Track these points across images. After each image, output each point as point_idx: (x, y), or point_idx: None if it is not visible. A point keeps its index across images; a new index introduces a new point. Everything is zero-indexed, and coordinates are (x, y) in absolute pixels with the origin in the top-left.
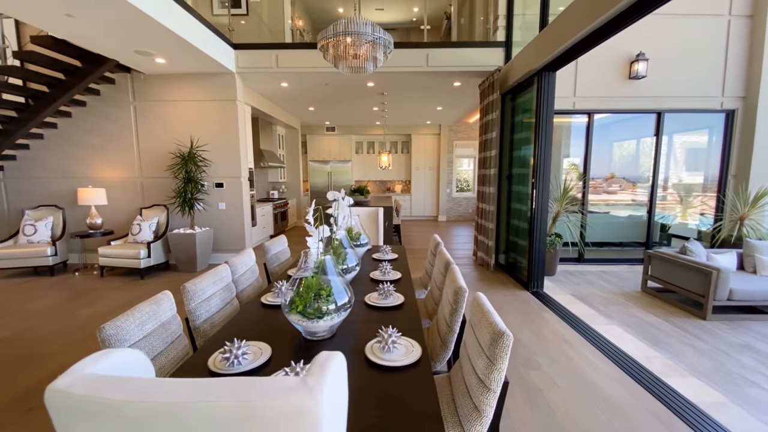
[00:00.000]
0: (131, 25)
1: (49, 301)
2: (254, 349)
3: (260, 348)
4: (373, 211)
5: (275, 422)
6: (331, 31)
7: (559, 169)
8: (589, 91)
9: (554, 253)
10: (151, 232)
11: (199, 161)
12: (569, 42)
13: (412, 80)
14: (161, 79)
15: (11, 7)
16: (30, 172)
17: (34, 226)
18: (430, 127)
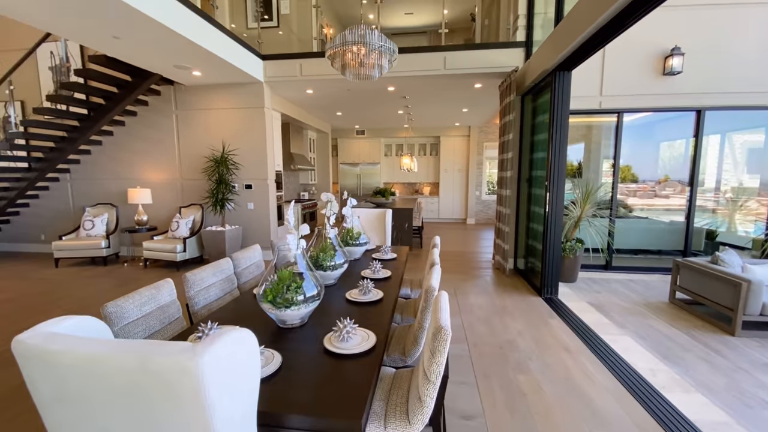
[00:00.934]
0: (169, 44)
1: (99, 287)
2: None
3: None
4: (381, 213)
5: (166, 376)
6: (339, 41)
7: (598, 172)
8: (618, 90)
9: (574, 260)
10: (187, 229)
11: (230, 164)
12: (579, 39)
13: (431, 83)
14: (199, 89)
15: (69, 32)
16: (91, 174)
17: (93, 221)
18: (459, 129)
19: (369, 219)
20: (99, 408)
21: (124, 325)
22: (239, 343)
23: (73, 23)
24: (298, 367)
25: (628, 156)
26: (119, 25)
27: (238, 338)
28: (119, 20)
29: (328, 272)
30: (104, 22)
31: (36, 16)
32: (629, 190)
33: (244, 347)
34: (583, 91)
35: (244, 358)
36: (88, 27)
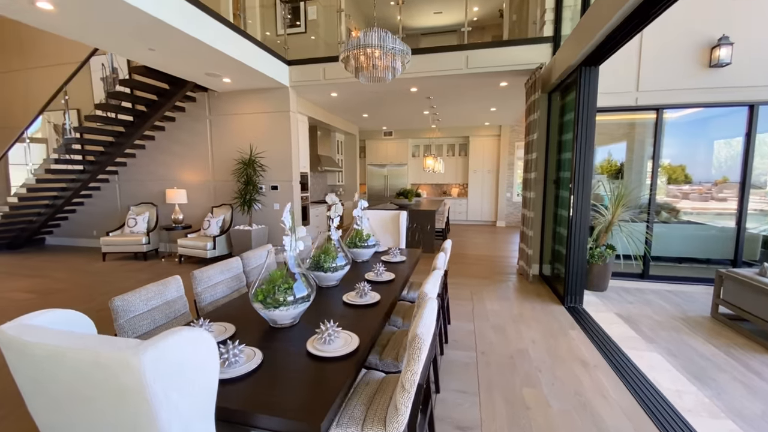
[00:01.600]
0: (199, 53)
1: (137, 280)
2: (219, 328)
3: (225, 327)
4: (395, 214)
5: (114, 370)
6: (351, 44)
7: (642, 173)
8: (657, 84)
9: (604, 267)
10: (218, 228)
11: (257, 166)
12: (602, 31)
13: (454, 83)
14: (229, 95)
15: (110, 46)
16: (135, 175)
17: (135, 219)
18: (489, 128)
19: (384, 221)
20: (65, 397)
21: (130, 318)
22: (190, 343)
23: (113, 38)
24: (276, 366)
25: (678, 155)
26: (153, 38)
27: (188, 338)
28: (153, 34)
29: (328, 274)
30: (140, 36)
31: (83, 34)
32: (682, 192)
33: (196, 347)
34: (616, 87)
35: (195, 357)
36: (126, 41)
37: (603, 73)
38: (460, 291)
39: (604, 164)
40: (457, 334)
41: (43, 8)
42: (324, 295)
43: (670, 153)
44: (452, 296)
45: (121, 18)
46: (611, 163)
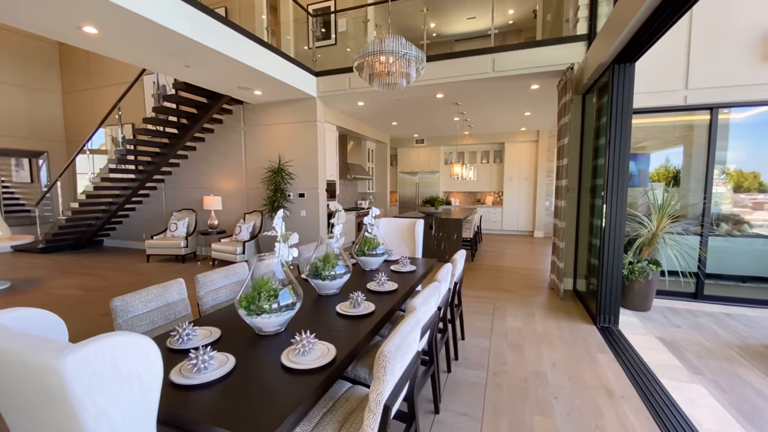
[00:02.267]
0: (231, 69)
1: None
2: (204, 332)
3: (210, 332)
4: (411, 223)
5: (39, 371)
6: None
7: (711, 177)
8: (710, 81)
9: (646, 284)
10: (248, 233)
11: (285, 174)
12: (632, 23)
13: (482, 87)
14: (261, 107)
15: (148, 62)
16: (179, 183)
17: (176, 224)
18: (526, 134)
19: (400, 230)
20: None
21: (128, 318)
22: (121, 348)
23: (152, 57)
24: (245, 376)
25: (749, 161)
26: (188, 56)
27: (119, 343)
28: (188, 52)
29: (327, 282)
30: (176, 55)
31: (124, 54)
32: (755, 203)
33: (128, 352)
34: (661, 85)
35: (128, 362)
36: (164, 59)
37: (644, 71)
38: (482, 305)
39: (661, 170)
40: (469, 351)
41: (89, 32)
42: (321, 303)
43: (738, 157)
44: (473, 310)
45: (158, 39)
46: (668, 169)
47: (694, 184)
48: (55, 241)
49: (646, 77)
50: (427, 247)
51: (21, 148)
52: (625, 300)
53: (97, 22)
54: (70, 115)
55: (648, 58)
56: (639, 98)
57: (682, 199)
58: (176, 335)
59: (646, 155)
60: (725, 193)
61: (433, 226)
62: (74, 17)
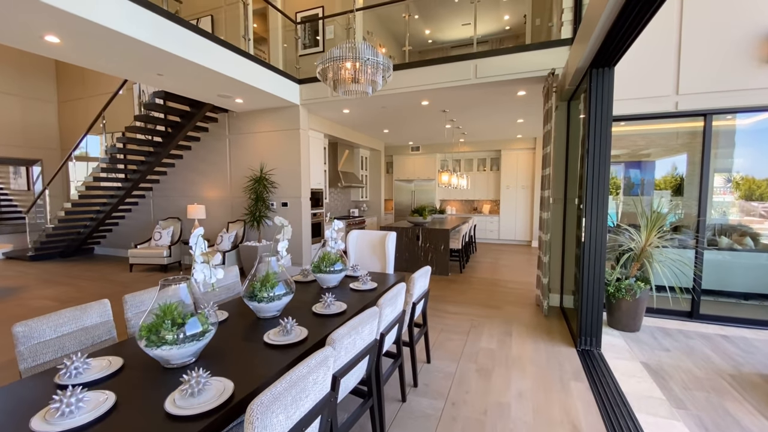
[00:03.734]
0: (206, 77)
1: None
2: (101, 363)
3: (110, 362)
4: (382, 236)
5: None
6: (327, 56)
7: (706, 187)
8: (702, 86)
9: (634, 303)
10: (229, 243)
11: (267, 183)
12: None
13: (467, 94)
14: (246, 114)
15: (119, 71)
16: (166, 191)
17: (161, 233)
18: (522, 141)
19: (372, 243)
20: None
21: (33, 344)
22: None
23: (121, 65)
24: (116, 425)
25: (760, 168)
26: (159, 65)
27: None
28: (158, 61)
29: (262, 304)
30: (146, 63)
31: (91, 62)
32: (766, 211)
33: None
34: (650, 90)
35: None
36: (134, 68)
37: (631, 75)
38: (458, 322)
39: (668, 178)
40: (432, 377)
41: (52, 42)
42: (255, 328)
43: (747, 164)
44: (447, 328)
45: (122, 48)
46: (674, 177)
47: (696, 193)
48: (44, 249)
49: (635, 81)
50: (414, 259)
51: (15, 156)
52: (612, 319)
53: (57, 31)
54: (66, 123)
55: (637, 62)
56: (628, 104)
57: (683, 207)
58: (64, 369)
59: (651, 163)
60: (732, 202)
61: (420, 237)
62: (33, 27)
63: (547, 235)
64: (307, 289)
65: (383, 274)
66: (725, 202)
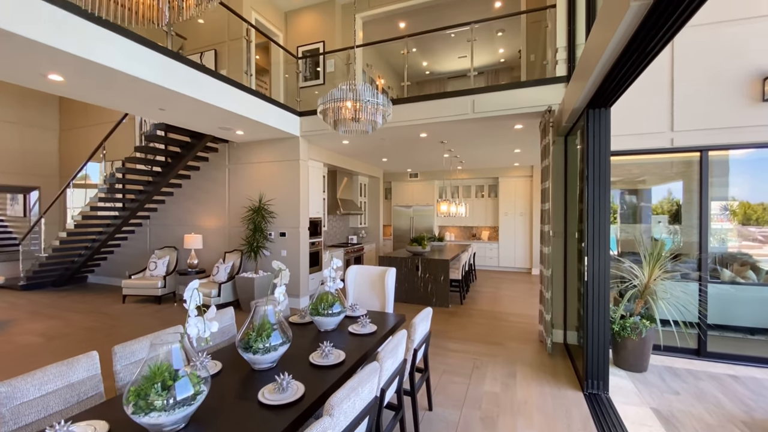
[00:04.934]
0: (207, 111)
1: (144, 325)
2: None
3: (94, 428)
4: (381, 272)
5: None
6: (329, 98)
7: (706, 216)
8: (697, 123)
9: (640, 342)
10: (226, 274)
11: (266, 213)
12: (598, 70)
13: (465, 128)
14: (246, 145)
15: (121, 105)
16: (164, 220)
17: (156, 263)
18: (520, 169)
19: (371, 278)
20: None
21: (16, 405)
22: None
23: (123, 101)
24: None
25: (755, 193)
26: (160, 100)
27: None
28: (159, 97)
29: (258, 356)
30: (148, 99)
31: (94, 98)
32: (765, 236)
33: None
34: (646, 127)
35: None
36: (136, 103)
37: (627, 112)
38: (461, 361)
39: (664, 202)
40: (433, 428)
41: (55, 80)
42: (249, 383)
43: (742, 192)
44: (450, 369)
45: (125, 86)
46: (671, 201)
47: (696, 221)
48: (36, 278)
49: (630, 118)
50: (414, 290)
51: (13, 183)
52: (618, 358)
53: (60, 70)
54: (66, 151)
55: (632, 99)
56: (625, 140)
57: (682, 235)
58: None
59: (647, 190)
60: (731, 229)
61: (420, 267)
62: (37, 67)
63: (548, 270)
64: (304, 333)
65: (383, 313)
66: (723, 229)
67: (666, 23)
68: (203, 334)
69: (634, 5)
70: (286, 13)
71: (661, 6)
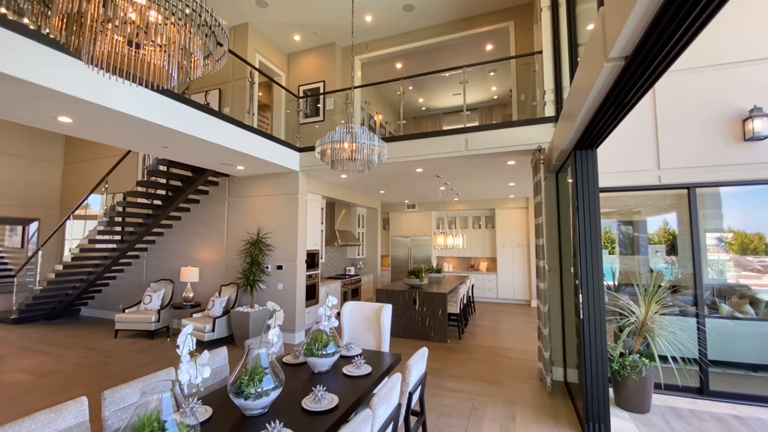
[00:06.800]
0: (209, 149)
1: (134, 363)
2: None
3: None
4: (377, 309)
5: None
6: (327, 139)
7: (698, 250)
8: (683, 161)
9: (641, 381)
10: (221, 308)
11: (263, 246)
12: (581, 118)
13: (459, 164)
14: (246, 179)
15: (126, 144)
16: (162, 252)
17: (151, 296)
18: (515, 201)
19: (366, 315)
20: None
21: None
22: None
23: (129, 140)
24: None
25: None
26: (165, 139)
27: None
28: (164, 137)
29: (250, 402)
30: (152, 138)
31: (101, 137)
32: (764, 266)
33: None
34: (634, 165)
35: None
36: (141, 142)
37: (615, 151)
38: (459, 402)
39: (660, 232)
40: None
41: (64, 121)
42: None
43: (736, 223)
44: (447, 411)
45: (132, 127)
46: (667, 231)
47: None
48: (29, 312)
49: (618, 156)
50: (412, 324)
51: (14, 215)
52: (620, 398)
53: (70, 113)
54: (69, 183)
55: (619, 138)
56: (614, 177)
57: (679, 266)
58: None
59: (642, 221)
60: (728, 261)
61: (417, 301)
62: (48, 111)
63: (545, 306)
64: (297, 374)
65: (378, 352)
66: (720, 260)
67: (640, 79)
68: (195, 380)
69: (608, 66)
70: (288, 55)
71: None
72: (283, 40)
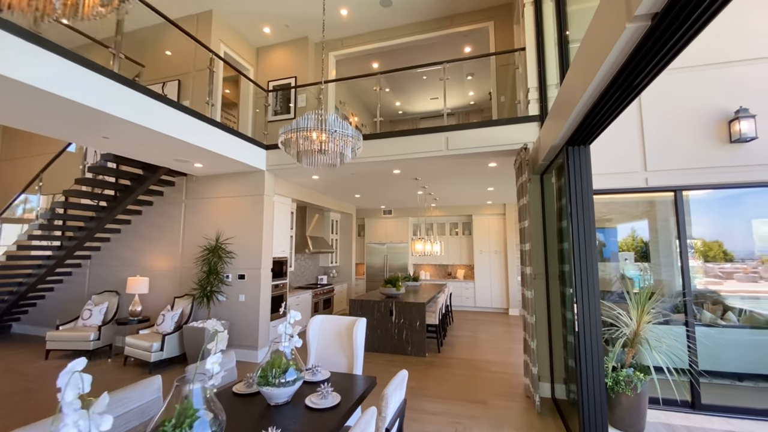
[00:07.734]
0: (159, 141)
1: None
2: None
3: None
4: (349, 324)
5: None
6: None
7: (671, 255)
8: (669, 163)
9: (636, 398)
10: (172, 324)
11: (223, 253)
12: (579, 107)
13: (439, 165)
14: (206, 179)
15: (58, 133)
16: (107, 260)
17: (91, 310)
18: (493, 207)
19: (338, 331)
20: None
21: None
22: None
23: (62, 127)
24: None
25: (710, 232)
26: (102, 127)
27: None
28: (100, 123)
29: None
30: (88, 126)
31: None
32: (724, 272)
33: None
34: (621, 167)
35: None
36: (76, 130)
37: (601, 153)
38: (440, 428)
39: (628, 240)
40: None
41: None
42: None
43: (700, 231)
44: None
45: (54, 109)
46: (635, 239)
47: (664, 260)
48: None
49: (605, 158)
50: (388, 337)
51: None
52: (613, 416)
53: None
54: (3, 183)
55: (605, 139)
56: (600, 179)
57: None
58: None
59: (612, 229)
60: (697, 267)
61: (394, 312)
62: None
63: (532, 317)
64: (249, 407)
65: (350, 376)
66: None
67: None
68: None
69: (630, 27)
70: (258, 49)
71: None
72: (252, 32)
